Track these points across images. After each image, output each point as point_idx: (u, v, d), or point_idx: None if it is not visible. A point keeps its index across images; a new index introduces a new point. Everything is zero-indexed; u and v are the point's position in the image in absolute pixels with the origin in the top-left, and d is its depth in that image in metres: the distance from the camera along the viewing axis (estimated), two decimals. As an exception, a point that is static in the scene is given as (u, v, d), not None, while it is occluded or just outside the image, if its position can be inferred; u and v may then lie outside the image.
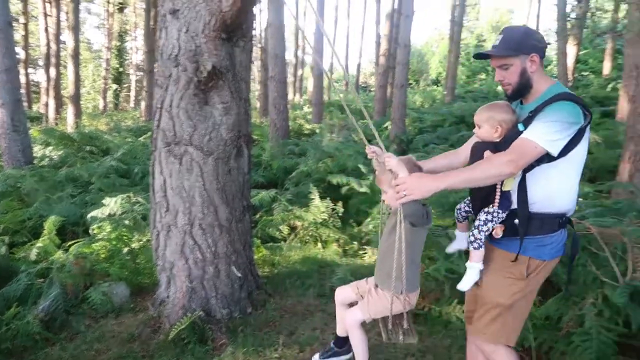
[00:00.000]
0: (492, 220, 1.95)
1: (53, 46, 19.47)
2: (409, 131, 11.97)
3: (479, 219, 1.98)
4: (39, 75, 31.20)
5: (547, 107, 1.81)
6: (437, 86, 31.76)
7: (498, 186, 1.92)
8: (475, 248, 2.00)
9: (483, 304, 2.09)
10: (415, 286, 2.22)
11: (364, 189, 6.30)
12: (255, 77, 28.40)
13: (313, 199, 5.95)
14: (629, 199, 4.79)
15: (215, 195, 3.35)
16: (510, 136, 1.88)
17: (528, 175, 1.88)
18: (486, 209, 1.96)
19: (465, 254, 3.88)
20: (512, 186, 1.92)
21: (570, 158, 1.85)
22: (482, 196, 1.96)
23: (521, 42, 1.90)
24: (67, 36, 18.55)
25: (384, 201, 2.29)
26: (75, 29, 17.04)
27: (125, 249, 4.10)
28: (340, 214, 5.95)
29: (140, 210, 4.64)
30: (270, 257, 4.84)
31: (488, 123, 1.96)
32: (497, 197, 1.92)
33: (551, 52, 22.85)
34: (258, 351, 3.01)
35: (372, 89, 30.42)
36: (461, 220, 2.27)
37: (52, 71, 19.47)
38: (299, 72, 30.92)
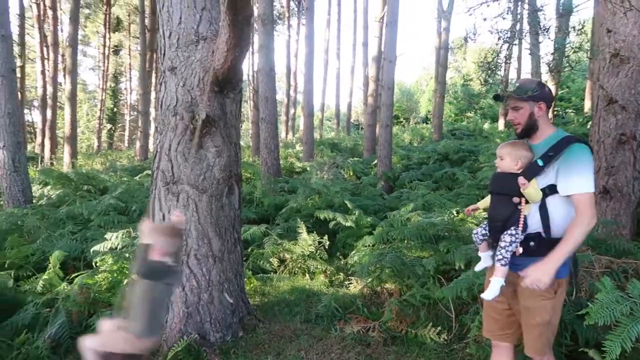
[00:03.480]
0: (515, 241, 2.26)
1: (49, 88, 19.94)
2: (396, 168, 12.43)
3: (504, 241, 2.27)
4: (34, 116, 31.79)
5: (571, 154, 2.19)
6: (426, 124, 32.53)
7: (523, 212, 2.25)
8: (503, 265, 2.28)
9: (527, 324, 2.36)
10: (152, 334, 2.26)
11: (349, 224, 6.66)
12: (248, 117, 29.04)
13: (301, 232, 6.30)
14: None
15: (209, 229, 3.73)
16: (531, 170, 2.26)
17: (548, 203, 2.25)
18: (510, 232, 2.26)
19: (437, 282, 4.26)
20: (529, 211, 2.27)
21: None
22: (503, 220, 2.29)
23: (534, 91, 2.35)
24: (63, 79, 19.14)
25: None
26: (73, 72, 17.55)
27: (126, 280, 4.42)
28: (327, 247, 6.29)
29: (136, 244, 4.97)
30: (261, 287, 5.16)
31: (510, 157, 2.33)
32: (522, 221, 2.25)
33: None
34: (248, 370, 3.32)
35: (363, 127, 31.24)
36: (480, 242, 2.52)
37: (49, 112, 19.90)
38: (291, 111, 31.59)
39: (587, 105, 18.91)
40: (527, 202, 2.26)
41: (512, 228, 2.27)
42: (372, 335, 3.86)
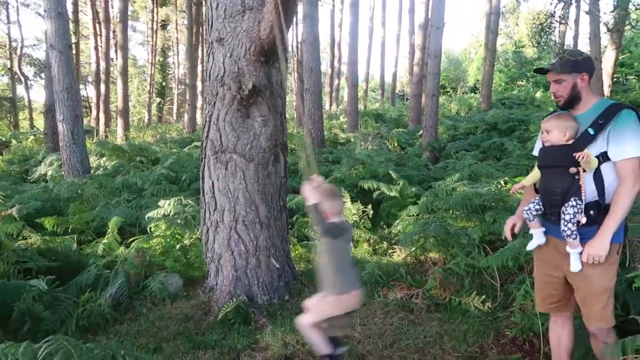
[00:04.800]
0: (578, 212, 2.21)
1: (102, 63, 20.68)
2: (441, 139, 12.21)
3: (568, 213, 2.22)
4: (89, 91, 33.09)
5: (621, 120, 2.17)
6: (475, 93, 31.52)
7: (582, 182, 2.21)
8: (573, 238, 2.23)
9: (591, 295, 2.29)
10: (352, 287, 2.35)
11: (393, 193, 6.67)
12: (293, 89, 29.10)
13: (345, 202, 6.37)
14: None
15: (256, 196, 3.85)
16: (583, 139, 2.23)
17: (602, 170, 2.22)
18: (571, 203, 2.21)
19: (483, 251, 4.23)
20: (583, 180, 2.23)
21: None
22: (562, 192, 2.24)
23: (576, 63, 2.30)
24: (115, 54, 19.76)
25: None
26: (124, 47, 18.14)
27: (178, 245, 4.66)
28: (370, 216, 6.34)
29: (190, 211, 5.19)
30: (306, 254, 5.30)
31: (557, 129, 2.29)
32: (584, 190, 2.21)
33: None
34: (294, 331, 3.44)
35: (408, 98, 30.69)
36: (532, 219, 2.45)
37: (102, 87, 20.70)
38: (335, 82, 31.38)
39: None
40: (584, 170, 2.22)
41: (573, 199, 2.22)
42: (416, 302, 3.91)
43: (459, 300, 3.81)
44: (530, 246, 2.53)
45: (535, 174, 2.52)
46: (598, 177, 2.21)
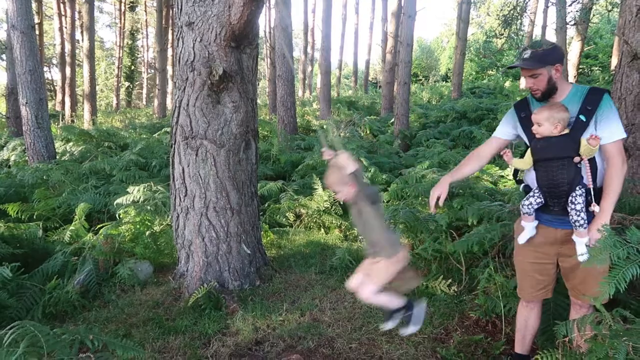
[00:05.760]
0: (585, 200, 2.21)
1: (68, 45, 19.99)
2: (413, 127, 12.36)
3: (578, 202, 2.21)
4: (53, 74, 32.02)
5: (606, 103, 2.24)
6: (446, 82, 31.89)
7: (588, 169, 2.22)
8: (585, 228, 2.22)
9: (591, 276, 2.30)
10: (399, 246, 2.47)
11: (365, 181, 6.74)
12: (265, 74, 28.87)
13: (317, 188, 6.41)
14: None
15: (227, 182, 3.85)
16: (578, 127, 2.25)
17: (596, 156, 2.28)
18: (578, 192, 2.21)
19: (450, 237, 4.34)
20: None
21: None
22: (569, 182, 2.23)
23: (548, 55, 2.32)
24: (81, 36, 19.14)
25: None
26: (90, 29, 17.56)
27: (148, 232, 4.61)
28: (342, 203, 6.40)
29: (160, 197, 5.13)
30: (277, 241, 5.33)
31: (549, 121, 2.26)
32: (590, 177, 2.22)
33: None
34: (265, 315, 3.49)
35: (381, 85, 30.80)
36: (531, 213, 2.43)
37: (67, 70, 20.04)
38: (308, 68, 31.26)
39: (615, 62, 18.31)
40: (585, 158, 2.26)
41: (578, 188, 2.23)
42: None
43: (426, 284, 3.91)
44: (523, 239, 2.53)
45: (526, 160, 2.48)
46: (593, 162, 2.26)
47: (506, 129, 2.61)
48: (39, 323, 2.18)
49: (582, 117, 2.27)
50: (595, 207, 2.23)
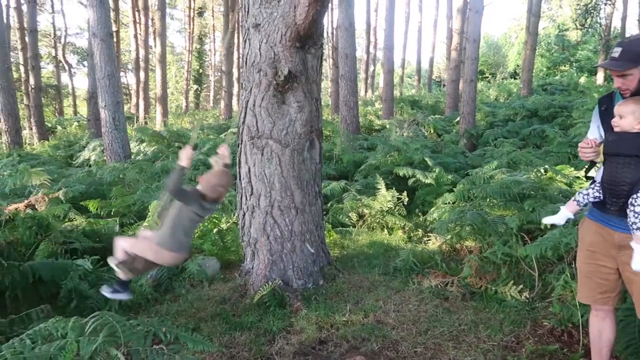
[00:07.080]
0: None
1: (142, 51, 21.11)
2: (479, 125, 11.96)
3: (639, 205, 2.07)
4: (129, 78, 33.89)
5: None
6: (515, 79, 30.58)
7: None
8: None
9: None
10: (181, 251, 2.69)
11: (429, 181, 6.60)
12: (328, 75, 28.98)
13: (380, 188, 6.35)
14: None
15: (291, 182, 3.89)
16: None
17: None
18: None
19: (520, 240, 4.16)
20: None
21: None
22: (632, 183, 2.10)
23: (638, 54, 2.16)
24: (154, 42, 20.13)
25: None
26: (162, 35, 18.46)
27: (215, 229, 4.76)
28: (405, 204, 6.30)
29: (227, 196, 5.28)
30: (341, 241, 5.33)
31: (633, 115, 2.12)
32: None
33: None
34: (328, 315, 3.49)
35: (445, 84, 30.05)
36: (583, 204, 2.34)
37: (142, 74, 21.19)
38: (371, 68, 31.02)
39: None
40: None
41: None
42: (451, 289, 3.88)
43: (495, 289, 3.76)
44: (548, 220, 2.46)
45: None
46: None
47: (592, 128, 2.46)
48: (115, 314, 2.30)
49: None
50: None
